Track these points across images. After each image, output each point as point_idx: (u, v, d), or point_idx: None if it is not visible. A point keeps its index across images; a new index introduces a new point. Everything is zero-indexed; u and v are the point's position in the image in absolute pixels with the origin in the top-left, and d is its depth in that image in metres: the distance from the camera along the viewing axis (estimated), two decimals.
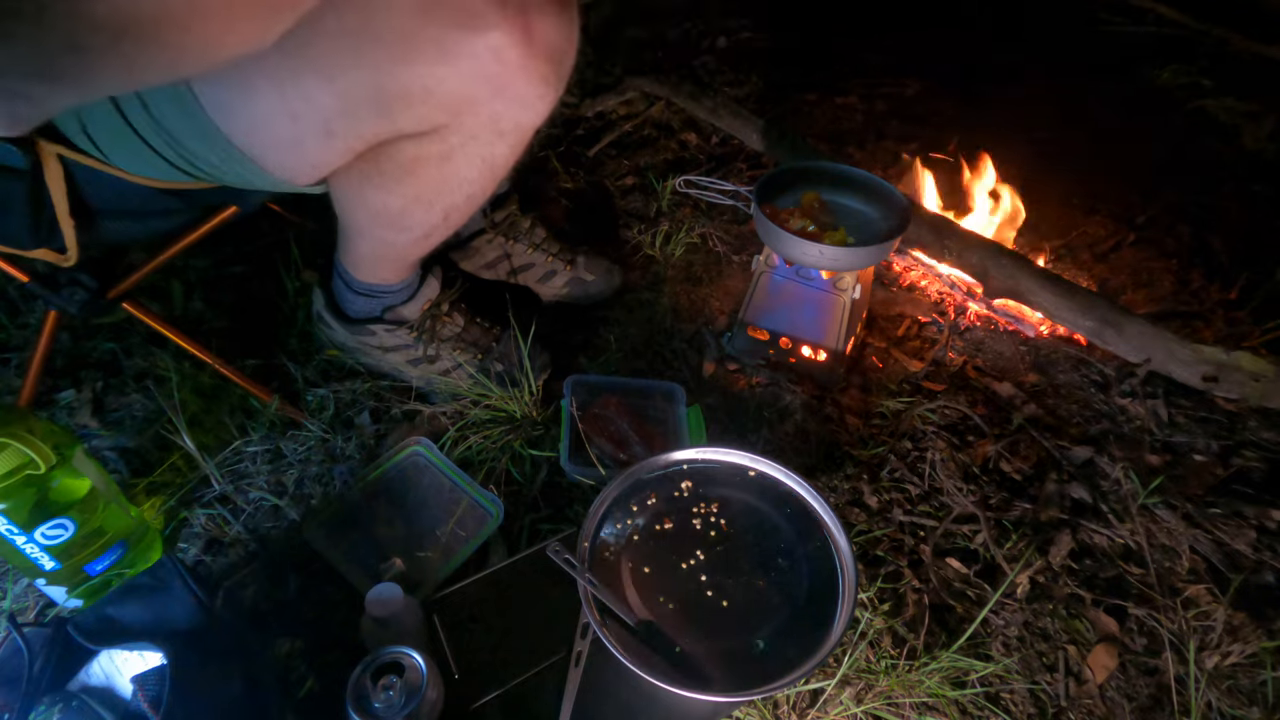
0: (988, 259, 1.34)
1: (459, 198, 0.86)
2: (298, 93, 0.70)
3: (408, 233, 0.92)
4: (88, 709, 0.68)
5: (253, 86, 0.69)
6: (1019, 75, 1.97)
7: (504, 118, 0.76)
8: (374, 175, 0.82)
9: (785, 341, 1.22)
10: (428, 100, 0.72)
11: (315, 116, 0.72)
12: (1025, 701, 0.89)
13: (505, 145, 0.81)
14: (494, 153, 0.81)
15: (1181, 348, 1.21)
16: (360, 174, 0.82)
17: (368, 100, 0.71)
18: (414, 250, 0.99)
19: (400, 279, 1.06)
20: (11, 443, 0.75)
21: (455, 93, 0.72)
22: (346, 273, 1.05)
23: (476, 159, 0.81)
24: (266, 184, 0.82)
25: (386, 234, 0.93)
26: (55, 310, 0.94)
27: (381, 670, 0.70)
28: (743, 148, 1.73)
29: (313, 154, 0.77)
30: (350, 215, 0.91)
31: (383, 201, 0.85)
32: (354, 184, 0.84)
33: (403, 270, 1.05)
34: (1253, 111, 1.87)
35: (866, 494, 1.07)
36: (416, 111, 0.73)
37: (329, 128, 0.73)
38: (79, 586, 0.87)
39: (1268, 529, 1.05)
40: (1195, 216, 1.59)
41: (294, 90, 0.69)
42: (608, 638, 0.74)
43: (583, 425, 1.05)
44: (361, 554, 0.94)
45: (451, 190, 0.85)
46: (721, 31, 2.16)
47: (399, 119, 0.74)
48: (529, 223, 1.29)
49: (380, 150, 0.78)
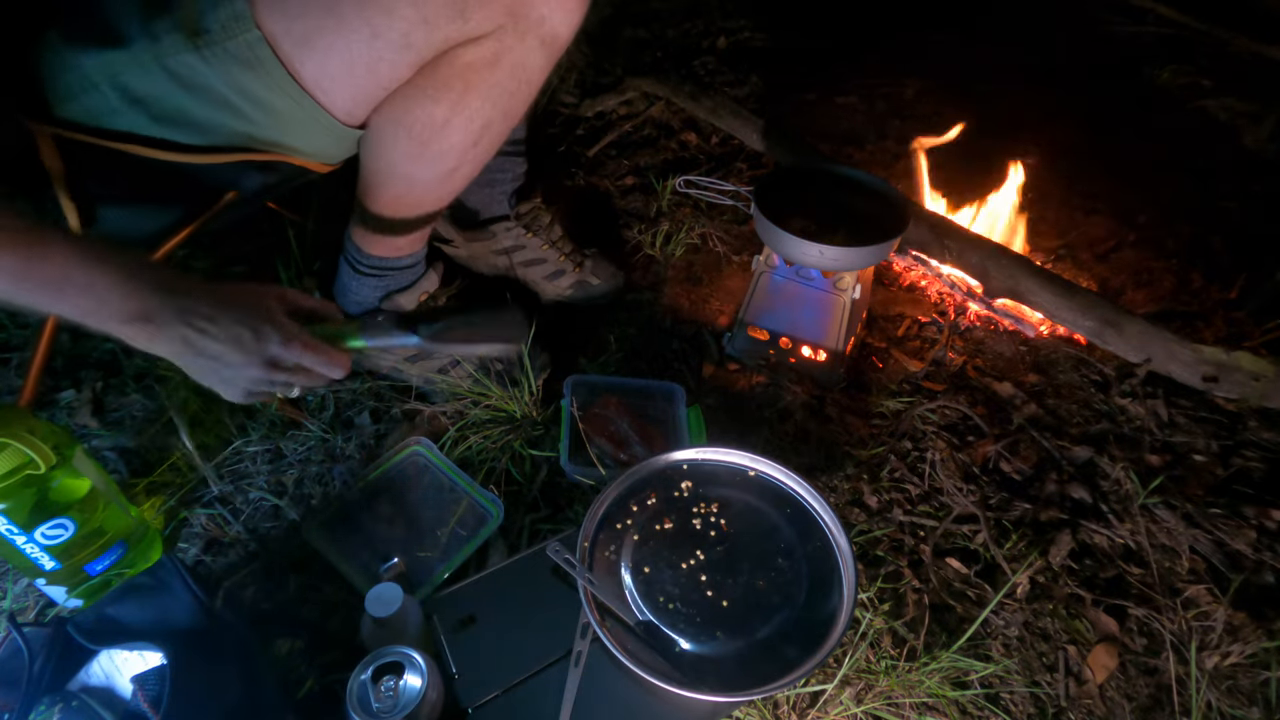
0: (988, 259, 1.34)
1: (496, 111, 0.89)
2: (379, 7, 0.75)
3: (439, 162, 0.93)
4: (88, 709, 0.68)
5: (338, 8, 0.75)
6: (1019, 75, 1.97)
7: (547, 22, 0.82)
8: (427, 86, 0.85)
9: (785, 341, 1.22)
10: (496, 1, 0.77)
11: (396, 30, 0.76)
12: (1025, 702, 0.89)
13: (543, 55, 0.86)
14: (533, 63, 0.86)
15: (1181, 348, 1.21)
16: (414, 87, 0.85)
17: (446, 4, 0.76)
18: (437, 193, 0.99)
19: (411, 250, 1.06)
20: (11, 443, 0.75)
21: None
22: (357, 249, 1.04)
23: (519, 67, 0.86)
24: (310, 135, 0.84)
25: (417, 167, 0.94)
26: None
27: (381, 670, 0.70)
28: (743, 148, 1.73)
29: (386, 73, 0.80)
30: (387, 150, 0.92)
31: (429, 113, 0.87)
32: (402, 103, 0.86)
33: (416, 237, 1.05)
34: (1253, 111, 1.87)
35: (866, 494, 1.07)
36: (485, 11, 0.78)
37: (408, 40, 0.77)
38: (79, 586, 0.87)
39: (1268, 529, 1.05)
40: (1195, 216, 1.59)
41: (376, 6, 0.75)
42: (608, 638, 0.74)
43: (583, 425, 1.05)
44: (361, 554, 0.94)
45: (493, 100, 0.88)
46: (721, 31, 2.17)
47: (470, 20, 0.78)
48: (550, 218, 1.30)
49: (439, 58, 0.82)
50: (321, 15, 0.75)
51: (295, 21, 0.75)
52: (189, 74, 0.75)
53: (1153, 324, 1.24)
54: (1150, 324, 1.24)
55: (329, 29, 0.76)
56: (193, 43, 0.74)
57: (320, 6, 0.75)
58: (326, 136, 0.85)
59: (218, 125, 0.80)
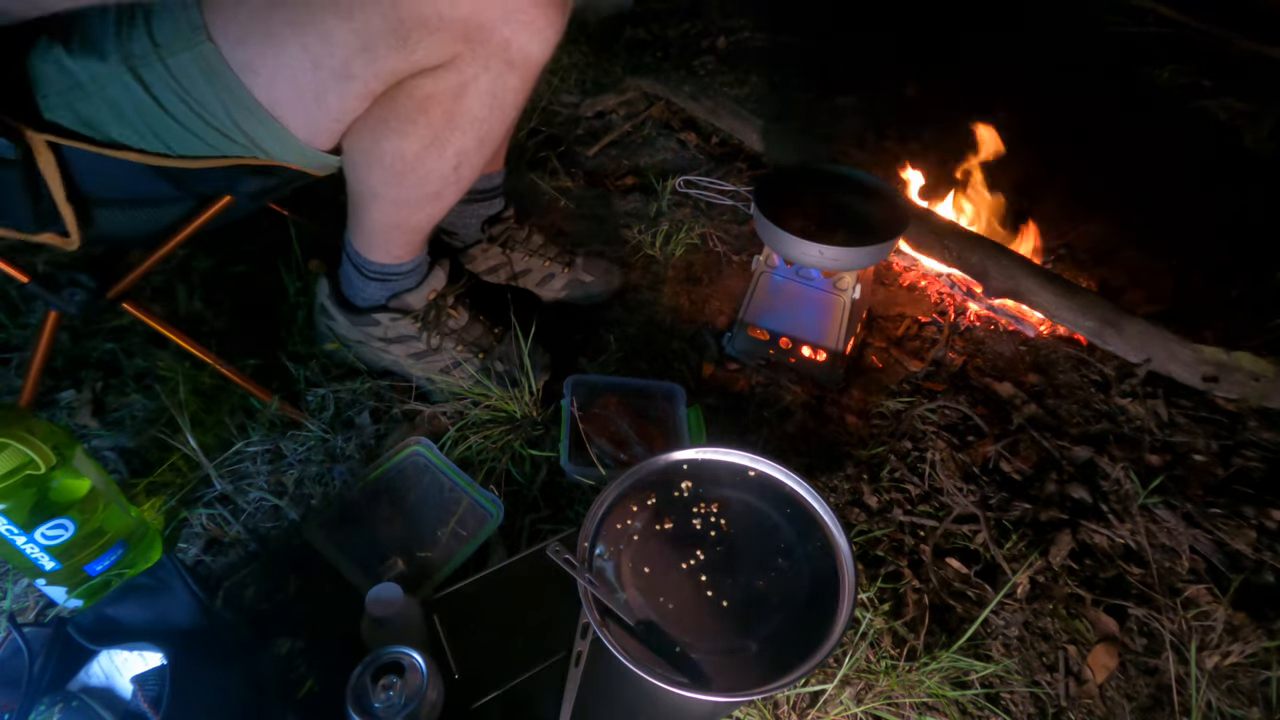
0: (988, 259, 1.34)
1: (471, 140, 0.88)
2: (318, 34, 0.73)
3: (420, 188, 0.92)
4: (88, 709, 0.68)
5: (276, 36, 0.73)
6: (1019, 75, 1.97)
7: (513, 45, 0.79)
8: (390, 119, 0.84)
9: (785, 341, 1.22)
10: (442, 26, 0.74)
11: (336, 59, 0.75)
12: (1025, 701, 0.89)
13: (515, 78, 0.83)
14: (504, 87, 0.83)
15: (1181, 348, 1.21)
16: (377, 120, 0.84)
17: (386, 32, 0.74)
18: (425, 213, 0.99)
19: (412, 256, 1.06)
20: (11, 443, 0.75)
21: (468, 17, 0.75)
22: (358, 255, 1.05)
23: (488, 95, 0.83)
24: (290, 151, 0.83)
25: (399, 192, 0.93)
26: (55, 311, 0.94)
27: (381, 670, 0.70)
28: (743, 148, 1.73)
29: (334, 104, 0.79)
30: (364, 176, 0.92)
31: (397, 147, 0.86)
32: (369, 134, 0.85)
33: (414, 246, 1.05)
34: (1253, 111, 1.87)
35: (866, 494, 1.07)
36: (433, 39, 0.75)
37: (349, 70, 0.76)
38: (79, 586, 0.87)
39: (1268, 529, 1.05)
40: (1195, 216, 1.59)
41: (314, 32, 0.73)
42: (608, 638, 0.74)
43: (583, 425, 1.05)
44: (361, 554, 0.94)
45: (464, 130, 0.87)
46: (721, 31, 2.17)
47: (417, 50, 0.76)
48: (525, 232, 1.31)
49: (396, 90, 0.81)
50: (261, 42, 0.74)
51: (237, 47, 0.74)
52: (160, 84, 0.75)
53: (1153, 324, 1.24)
54: (1150, 324, 1.24)
55: (269, 55, 0.74)
56: (156, 53, 0.73)
57: (259, 33, 0.73)
58: (302, 154, 0.85)
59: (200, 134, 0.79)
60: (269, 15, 0.73)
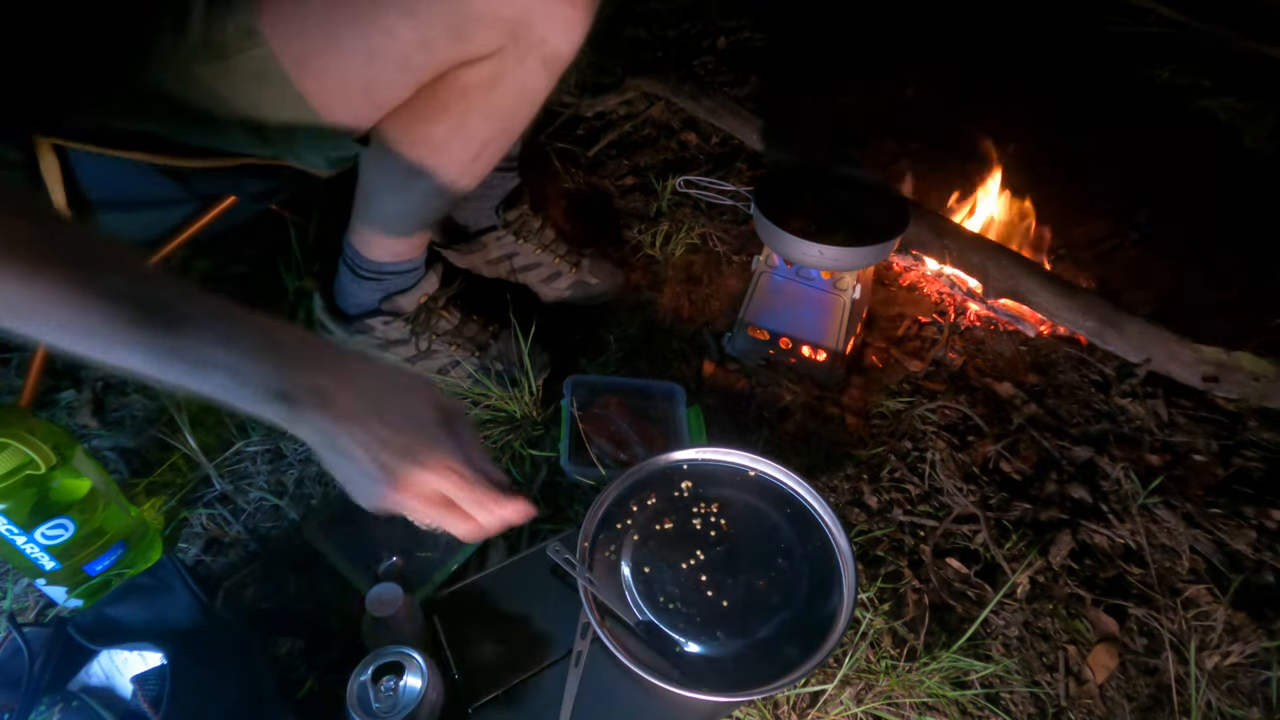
0: (988, 259, 1.34)
1: (495, 129, 0.90)
2: (381, 29, 0.75)
3: (439, 174, 0.93)
4: (88, 709, 0.68)
5: (335, 35, 0.75)
6: (1019, 75, 1.97)
7: (548, 42, 0.81)
8: (424, 107, 0.85)
9: (785, 341, 1.22)
10: (496, 22, 0.77)
11: (394, 52, 0.76)
12: (1025, 702, 0.89)
13: (544, 74, 0.85)
14: (534, 81, 0.86)
15: (1181, 348, 1.21)
16: (411, 106, 0.85)
17: (446, 27, 0.75)
18: (437, 201, 0.99)
19: (410, 256, 1.06)
20: (11, 443, 0.75)
21: (516, 15, 0.77)
22: (356, 254, 1.05)
23: (518, 87, 0.85)
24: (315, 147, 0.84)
25: (414, 181, 0.94)
26: None
27: (381, 670, 0.70)
28: (743, 148, 1.73)
29: (384, 95, 0.81)
30: (384, 164, 0.92)
31: (426, 133, 0.88)
32: (401, 120, 0.86)
33: (415, 243, 1.06)
34: (1253, 111, 1.87)
35: (866, 494, 1.07)
36: (485, 34, 0.78)
37: (406, 62, 0.78)
38: (79, 586, 0.87)
39: (1268, 529, 1.05)
40: (1195, 216, 1.59)
41: (378, 27, 0.74)
42: (608, 638, 0.74)
43: (583, 425, 1.05)
44: (361, 554, 0.94)
45: (491, 120, 0.88)
46: (721, 31, 2.16)
47: (469, 43, 0.78)
48: (539, 222, 1.30)
49: (438, 79, 0.82)
50: (319, 38, 0.75)
51: (294, 41, 0.75)
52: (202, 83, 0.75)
53: (1153, 324, 1.24)
54: (1150, 324, 1.24)
55: (326, 50, 0.76)
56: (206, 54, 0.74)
57: (317, 28, 0.75)
58: (330, 149, 0.86)
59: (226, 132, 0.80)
60: (330, 13, 0.75)
